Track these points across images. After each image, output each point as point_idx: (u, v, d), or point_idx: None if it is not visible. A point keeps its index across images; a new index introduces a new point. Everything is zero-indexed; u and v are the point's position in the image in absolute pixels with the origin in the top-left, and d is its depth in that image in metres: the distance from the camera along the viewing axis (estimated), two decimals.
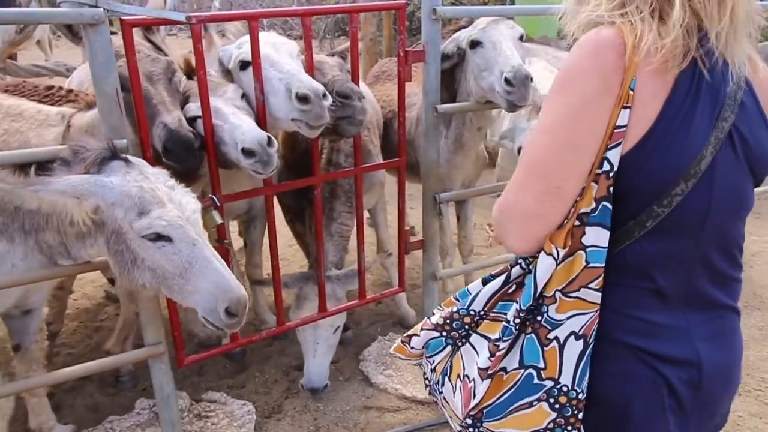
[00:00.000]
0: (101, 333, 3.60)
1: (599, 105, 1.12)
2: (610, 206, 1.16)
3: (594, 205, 1.17)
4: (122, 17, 2.06)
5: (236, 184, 2.63)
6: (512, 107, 2.64)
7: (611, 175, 1.14)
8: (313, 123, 2.32)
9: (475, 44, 2.82)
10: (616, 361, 1.23)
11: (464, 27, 3.01)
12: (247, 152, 2.20)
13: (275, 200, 2.89)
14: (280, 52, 2.46)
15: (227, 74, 2.66)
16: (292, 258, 4.46)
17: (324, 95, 2.28)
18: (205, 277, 1.80)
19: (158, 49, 2.46)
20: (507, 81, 2.53)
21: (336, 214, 3.06)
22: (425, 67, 2.84)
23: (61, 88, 2.83)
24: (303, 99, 2.24)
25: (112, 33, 2.13)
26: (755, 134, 1.19)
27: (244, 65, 2.51)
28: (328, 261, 2.95)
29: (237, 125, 2.26)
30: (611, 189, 1.15)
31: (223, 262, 1.87)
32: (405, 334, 1.54)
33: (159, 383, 2.51)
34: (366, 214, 3.60)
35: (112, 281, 3.02)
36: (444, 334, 1.44)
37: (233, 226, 3.80)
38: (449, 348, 1.45)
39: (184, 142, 2.15)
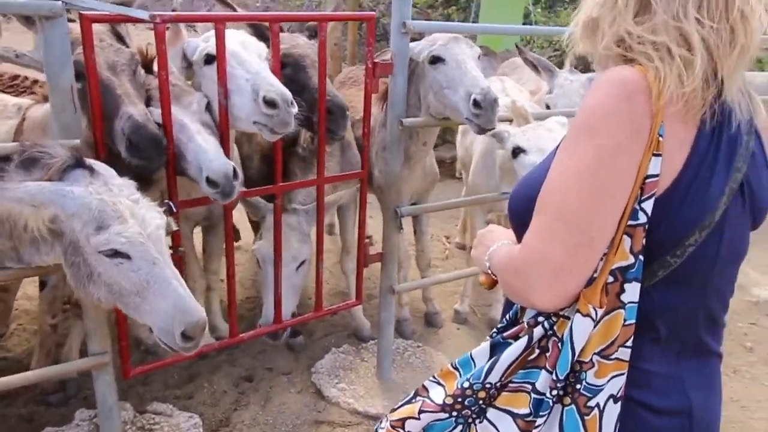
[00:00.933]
0: None
1: (631, 150, 1.08)
2: (642, 259, 1.13)
3: (632, 259, 1.12)
4: (82, 11, 1.97)
5: (194, 189, 2.55)
6: (481, 131, 2.64)
7: (647, 227, 1.11)
8: (278, 129, 2.26)
9: (436, 60, 2.79)
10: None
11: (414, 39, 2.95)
12: (211, 182, 2.13)
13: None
14: (249, 51, 2.38)
15: (190, 67, 2.56)
16: (248, 264, 4.37)
17: (291, 102, 2.23)
18: (163, 298, 1.74)
19: (121, 40, 2.33)
20: (476, 103, 2.53)
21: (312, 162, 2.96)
22: (392, 79, 2.83)
23: (26, 78, 2.69)
24: (270, 104, 2.17)
25: (71, 21, 2.03)
26: (760, 183, 1.19)
27: (209, 59, 2.39)
28: (297, 201, 2.92)
29: (203, 149, 2.17)
30: (644, 241, 1.12)
31: (184, 282, 1.80)
32: (394, 417, 1.37)
33: (102, 395, 2.40)
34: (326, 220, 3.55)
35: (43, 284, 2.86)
36: (454, 414, 1.29)
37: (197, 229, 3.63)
38: (460, 428, 1.31)
39: (152, 137, 2.01)
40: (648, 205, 1.10)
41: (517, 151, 2.75)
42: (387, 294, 3.12)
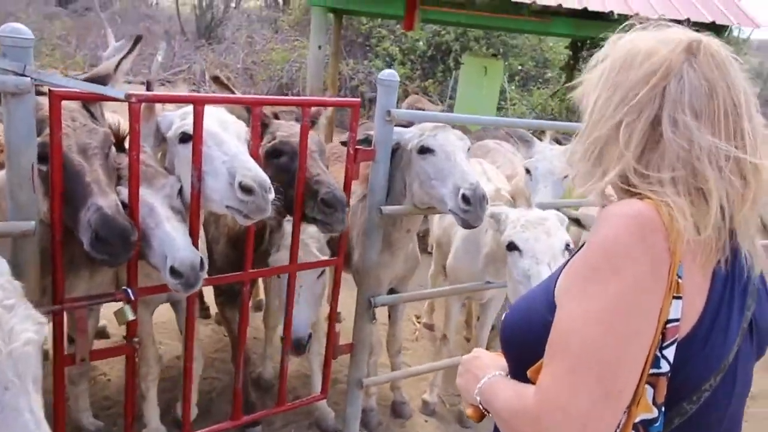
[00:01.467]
0: None
1: (652, 290, 1.01)
2: (664, 411, 1.05)
3: (656, 412, 1.04)
4: (51, 88, 1.85)
5: (155, 271, 2.38)
6: (467, 226, 2.55)
7: (669, 375, 1.03)
8: (252, 215, 2.14)
9: (425, 150, 2.71)
10: None
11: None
12: (176, 273, 1.99)
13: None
14: (228, 131, 2.26)
15: (163, 141, 2.43)
16: (207, 340, 4.14)
17: (269, 188, 2.12)
18: (9, 431, 1.40)
19: (94, 117, 2.19)
20: (465, 199, 2.44)
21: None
22: (374, 166, 2.76)
23: None
24: (246, 190, 2.06)
25: (42, 94, 1.90)
26: (764, 318, 1.17)
27: (185, 138, 2.27)
28: None
29: (171, 237, 2.03)
30: (666, 391, 1.05)
31: (41, 414, 1.42)
32: None
33: None
34: None
35: None
36: None
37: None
38: None
39: (121, 231, 1.84)
40: (670, 352, 1.04)
41: (511, 247, 2.63)
42: (354, 388, 2.95)
